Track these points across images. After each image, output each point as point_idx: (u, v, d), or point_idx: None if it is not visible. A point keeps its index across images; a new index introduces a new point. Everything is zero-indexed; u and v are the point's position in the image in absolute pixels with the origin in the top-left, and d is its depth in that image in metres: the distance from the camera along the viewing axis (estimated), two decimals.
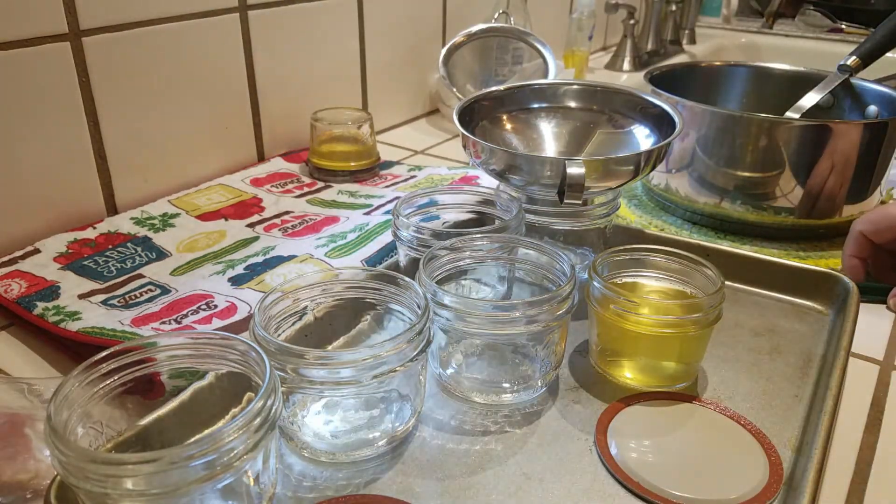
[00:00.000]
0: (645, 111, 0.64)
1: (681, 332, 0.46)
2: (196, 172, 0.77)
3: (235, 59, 0.78)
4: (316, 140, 0.80)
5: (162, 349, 0.39)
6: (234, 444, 0.32)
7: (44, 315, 0.52)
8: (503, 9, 1.05)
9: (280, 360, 0.38)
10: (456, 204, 0.61)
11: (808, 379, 0.50)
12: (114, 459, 0.31)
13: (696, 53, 1.56)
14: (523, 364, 0.48)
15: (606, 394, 0.48)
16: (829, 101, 0.79)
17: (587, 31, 1.23)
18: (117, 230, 0.65)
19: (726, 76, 0.87)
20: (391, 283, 0.46)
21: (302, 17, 0.84)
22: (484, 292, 0.55)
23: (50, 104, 0.62)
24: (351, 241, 0.63)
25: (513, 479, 0.41)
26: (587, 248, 0.61)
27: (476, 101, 0.65)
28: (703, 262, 0.50)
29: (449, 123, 1.04)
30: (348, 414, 0.43)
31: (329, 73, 0.90)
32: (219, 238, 0.65)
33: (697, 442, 0.44)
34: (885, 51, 0.77)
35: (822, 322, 0.57)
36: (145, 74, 0.69)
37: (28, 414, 0.40)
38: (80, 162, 0.66)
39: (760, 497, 0.39)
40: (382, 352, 0.39)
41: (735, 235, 0.71)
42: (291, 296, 0.45)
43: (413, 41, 1.02)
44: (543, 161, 0.57)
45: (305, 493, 0.40)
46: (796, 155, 0.66)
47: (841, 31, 1.63)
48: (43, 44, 0.60)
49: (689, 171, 0.71)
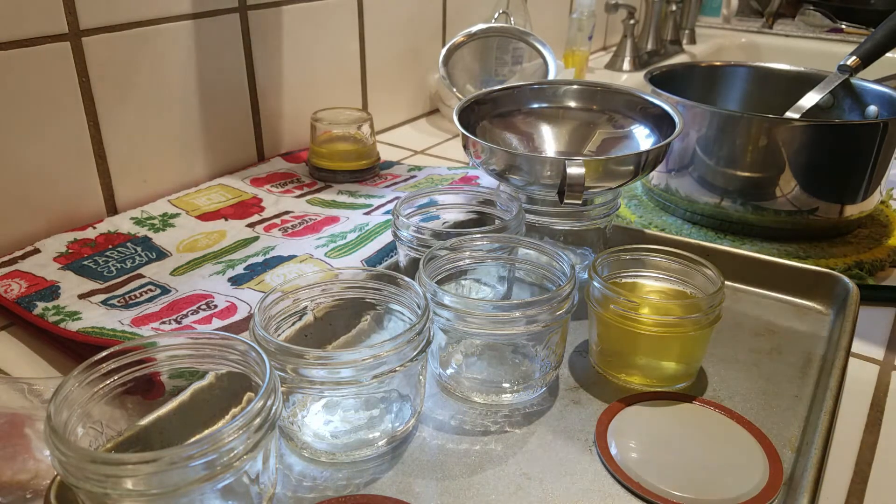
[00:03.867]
0: (645, 111, 0.64)
1: (681, 332, 0.46)
2: (196, 172, 0.77)
3: (235, 59, 0.78)
4: (316, 140, 0.80)
5: (162, 349, 0.39)
6: (234, 444, 0.32)
7: (44, 315, 0.52)
8: (503, 9, 1.05)
9: (280, 360, 0.38)
10: (456, 204, 0.61)
11: (808, 379, 0.50)
12: (114, 459, 0.31)
13: (696, 53, 1.56)
14: (523, 364, 0.48)
15: (606, 394, 0.48)
16: (829, 101, 0.79)
17: (587, 31, 1.23)
18: (117, 230, 0.65)
19: (726, 76, 0.87)
20: (391, 283, 0.46)
21: (302, 17, 0.84)
22: (484, 292, 0.55)
23: (50, 104, 0.62)
24: (351, 241, 0.63)
25: (513, 479, 0.41)
26: (587, 248, 0.61)
27: (476, 101, 0.65)
28: (703, 262, 0.50)
29: (449, 123, 1.04)
30: (348, 414, 0.43)
31: (329, 73, 0.90)
32: (219, 238, 0.65)
33: (697, 442, 0.44)
34: (885, 51, 0.77)
35: (822, 322, 0.57)
36: (145, 74, 0.69)
37: (28, 414, 0.40)
38: (80, 162, 0.66)
39: (760, 497, 0.39)
40: (382, 352, 0.39)
41: (735, 235, 0.71)
42: (291, 296, 0.45)
43: (413, 41, 1.02)
44: (543, 161, 0.57)
45: (305, 493, 0.40)
46: (796, 155, 0.66)
47: (841, 31, 1.63)
48: (43, 44, 0.60)
49: (689, 171, 0.71)
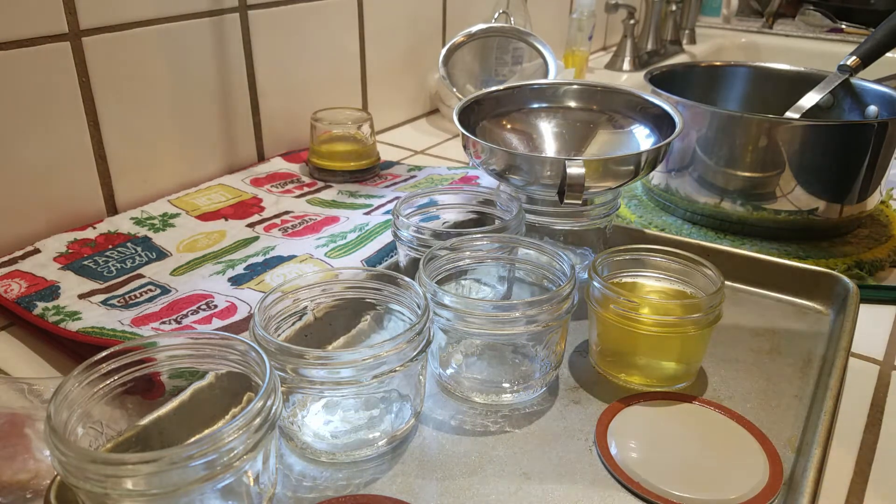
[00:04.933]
0: (645, 111, 0.64)
1: (681, 332, 0.46)
2: (196, 172, 0.77)
3: (235, 59, 0.78)
4: (316, 140, 0.80)
5: (162, 349, 0.39)
6: (234, 444, 0.32)
7: (44, 315, 0.52)
8: (503, 9, 1.04)
9: (280, 360, 0.38)
10: (456, 204, 0.61)
11: (808, 379, 0.50)
12: (114, 459, 0.31)
13: (696, 53, 1.56)
14: (523, 364, 0.48)
15: (606, 394, 0.48)
16: (829, 101, 0.79)
17: (587, 31, 1.23)
18: (117, 230, 0.65)
19: (726, 76, 0.87)
20: (391, 283, 0.46)
21: (302, 17, 0.84)
22: (484, 292, 0.55)
23: (50, 104, 0.62)
24: (351, 241, 0.63)
25: (513, 479, 0.41)
26: (587, 248, 0.61)
27: (476, 101, 0.65)
28: (703, 262, 0.50)
29: (449, 123, 1.04)
30: (348, 414, 0.43)
31: (329, 73, 0.90)
32: (219, 238, 0.65)
33: (697, 442, 0.44)
34: (885, 51, 0.77)
35: (822, 322, 0.57)
36: (145, 74, 0.69)
37: (28, 414, 0.40)
38: (80, 162, 0.66)
39: (760, 497, 0.39)
40: (382, 352, 0.39)
41: (735, 235, 0.71)
42: (291, 296, 0.45)
43: (413, 41, 1.02)
44: (543, 161, 0.57)
45: (305, 493, 0.40)
46: (796, 155, 0.66)
47: (841, 31, 1.63)
48: (43, 44, 0.60)
49: (689, 171, 0.71)
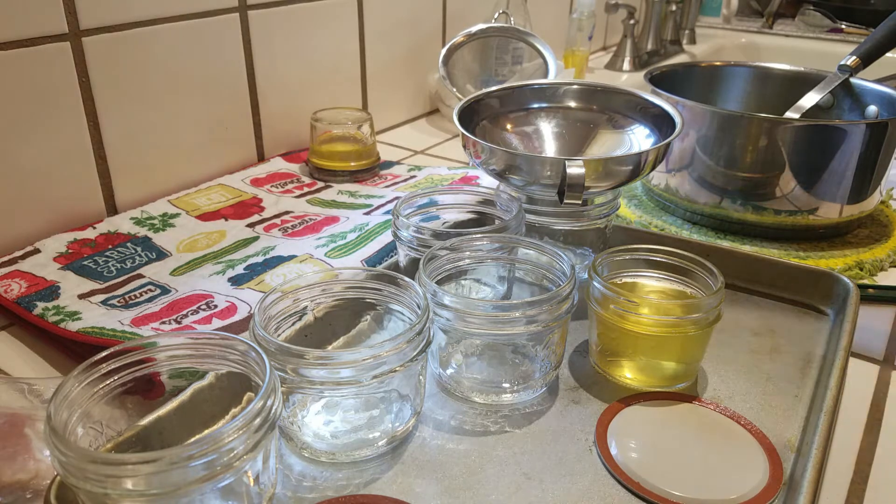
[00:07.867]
0: (645, 111, 0.64)
1: (681, 332, 0.46)
2: (196, 172, 0.77)
3: (235, 59, 0.78)
4: (316, 140, 0.80)
5: (162, 349, 0.39)
6: (234, 444, 0.32)
7: (44, 315, 0.52)
8: (503, 9, 1.04)
9: (280, 360, 0.38)
10: (456, 204, 0.61)
11: (808, 379, 0.50)
12: (114, 459, 0.31)
13: (696, 53, 1.56)
14: (523, 364, 0.48)
15: (606, 394, 0.48)
16: (829, 101, 0.79)
17: (587, 31, 1.23)
18: (117, 230, 0.65)
19: (726, 76, 0.87)
20: (391, 283, 0.46)
21: (302, 17, 0.84)
22: (484, 292, 0.55)
23: (50, 104, 0.62)
24: (351, 241, 0.63)
25: (513, 479, 0.41)
26: (587, 248, 0.61)
27: (476, 101, 0.65)
28: (703, 262, 0.50)
29: (449, 123, 1.04)
30: (348, 414, 0.43)
31: (329, 73, 0.90)
32: (219, 238, 0.65)
33: (697, 442, 0.44)
34: (885, 51, 0.77)
35: (822, 322, 0.57)
36: (145, 74, 0.69)
37: (28, 414, 0.40)
38: (80, 162, 0.66)
39: (760, 497, 0.39)
40: (382, 352, 0.39)
41: (735, 235, 0.71)
42: (291, 296, 0.45)
43: (413, 41, 1.02)
44: (543, 161, 0.57)
45: (305, 493, 0.40)
46: (796, 155, 0.66)
47: (841, 31, 1.63)
48: (43, 44, 0.60)
49: (689, 171, 0.71)
